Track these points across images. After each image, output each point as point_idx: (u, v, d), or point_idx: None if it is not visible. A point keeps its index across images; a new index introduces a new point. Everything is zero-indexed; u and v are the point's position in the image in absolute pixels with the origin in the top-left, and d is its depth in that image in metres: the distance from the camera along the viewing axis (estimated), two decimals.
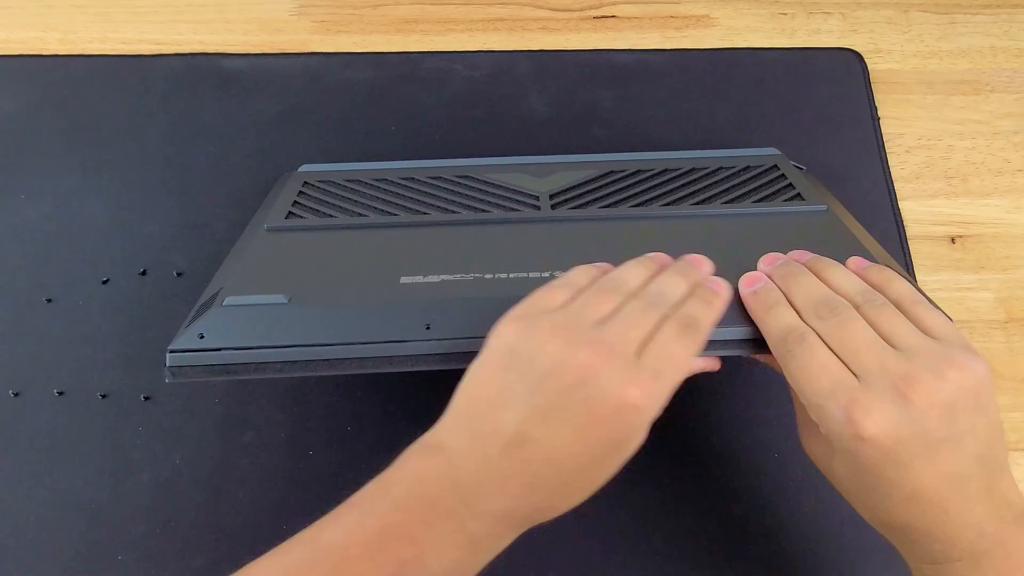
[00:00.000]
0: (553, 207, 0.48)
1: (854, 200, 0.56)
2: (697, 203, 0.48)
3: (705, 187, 0.50)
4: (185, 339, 0.38)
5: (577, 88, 0.66)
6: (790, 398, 0.52)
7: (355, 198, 0.50)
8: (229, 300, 0.39)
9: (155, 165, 0.61)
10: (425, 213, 0.48)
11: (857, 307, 0.36)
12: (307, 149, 0.62)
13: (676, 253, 0.41)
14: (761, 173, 0.52)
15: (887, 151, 0.63)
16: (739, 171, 0.52)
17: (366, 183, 0.52)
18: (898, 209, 0.60)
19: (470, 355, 0.35)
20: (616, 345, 0.32)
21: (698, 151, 0.56)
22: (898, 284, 0.38)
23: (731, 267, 0.40)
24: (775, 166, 0.52)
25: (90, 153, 0.62)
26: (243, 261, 0.44)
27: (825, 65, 0.67)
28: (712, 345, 0.37)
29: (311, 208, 0.50)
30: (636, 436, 0.33)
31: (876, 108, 0.65)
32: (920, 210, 0.60)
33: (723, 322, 0.37)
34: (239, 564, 0.49)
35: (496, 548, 0.34)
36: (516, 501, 0.32)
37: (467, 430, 0.33)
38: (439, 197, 0.50)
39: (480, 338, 0.35)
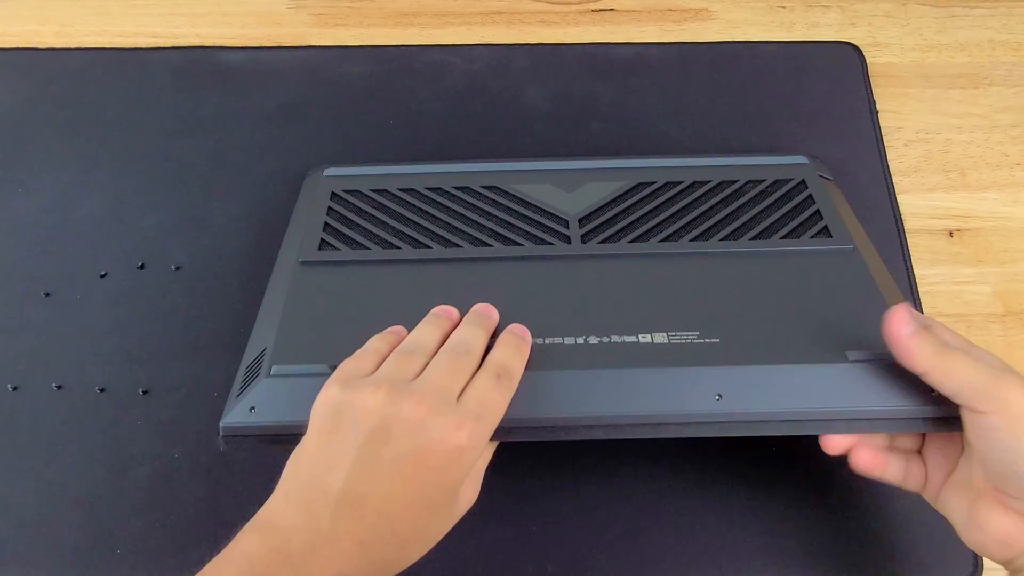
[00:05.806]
0: (583, 237, 0.49)
1: (852, 194, 0.56)
2: (725, 237, 0.49)
3: (734, 211, 0.51)
4: (237, 413, 0.39)
5: (575, 81, 0.65)
6: None
7: (386, 220, 0.51)
8: (276, 369, 0.40)
9: (153, 159, 0.61)
10: (458, 245, 0.49)
11: None
12: (305, 142, 0.62)
13: (702, 299, 0.44)
14: (789, 192, 0.52)
15: (885, 144, 0.63)
16: (767, 188, 0.52)
17: (394, 196, 0.53)
18: (896, 202, 0.60)
19: None
20: (437, 395, 0.34)
21: (725, 157, 0.56)
22: None
23: (754, 314, 0.43)
24: (803, 182, 0.53)
25: (88, 147, 0.62)
26: (284, 313, 0.44)
27: (823, 58, 0.67)
28: None
29: (343, 235, 0.50)
30: (462, 478, 0.34)
31: (874, 101, 0.65)
32: (918, 203, 0.60)
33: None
34: None
35: None
36: (351, 561, 0.33)
37: (296, 499, 0.34)
38: (469, 220, 0.51)
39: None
